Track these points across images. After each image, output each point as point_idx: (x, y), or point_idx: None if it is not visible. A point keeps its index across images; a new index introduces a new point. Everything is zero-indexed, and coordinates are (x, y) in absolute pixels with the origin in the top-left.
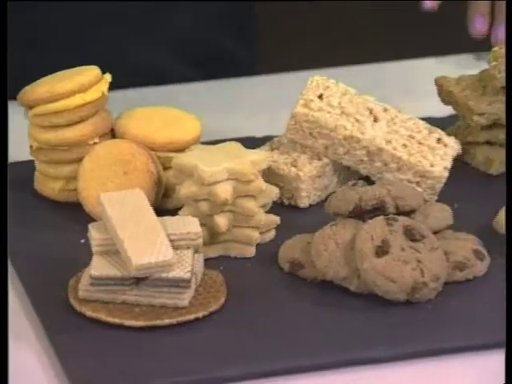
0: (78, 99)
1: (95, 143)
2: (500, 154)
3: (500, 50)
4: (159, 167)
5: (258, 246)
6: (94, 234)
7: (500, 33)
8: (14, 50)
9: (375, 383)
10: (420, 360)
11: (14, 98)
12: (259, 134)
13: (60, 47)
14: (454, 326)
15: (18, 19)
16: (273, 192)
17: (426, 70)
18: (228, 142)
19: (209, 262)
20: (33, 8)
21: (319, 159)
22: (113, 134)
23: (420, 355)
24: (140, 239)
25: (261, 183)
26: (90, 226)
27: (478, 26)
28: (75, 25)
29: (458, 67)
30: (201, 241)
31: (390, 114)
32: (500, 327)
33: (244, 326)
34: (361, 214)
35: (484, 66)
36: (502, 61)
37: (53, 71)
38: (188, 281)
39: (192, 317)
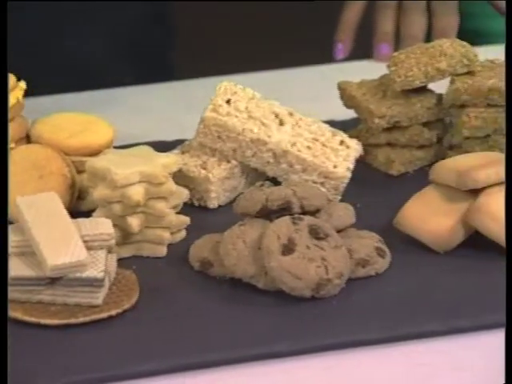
0: None
1: (11, 148)
2: (400, 155)
3: (399, 55)
4: (73, 171)
5: (170, 245)
6: (12, 236)
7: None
8: None
9: (282, 377)
10: (324, 353)
11: None
12: (170, 138)
13: None
14: (357, 320)
15: None
16: (183, 193)
17: (329, 76)
18: (140, 146)
19: (122, 262)
20: None
21: (228, 162)
22: (28, 139)
23: (324, 349)
24: (55, 241)
25: (171, 185)
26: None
27: (382, 51)
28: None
29: (360, 72)
30: (114, 241)
31: (295, 117)
32: (400, 322)
33: (156, 323)
34: (268, 213)
35: (384, 70)
36: (402, 66)
37: None
38: (101, 280)
39: (105, 315)
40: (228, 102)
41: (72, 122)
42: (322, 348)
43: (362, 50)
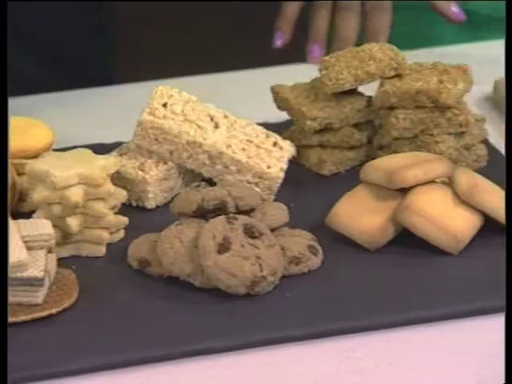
0: None
1: None
2: (331, 156)
3: (330, 59)
4: (14, 173)
5: (108, 245)
6: None
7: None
8: None
9: (217, 373)
10: (258, 349)
11: None
12: (109, 140)
13: None
14: (290, 316)
15: None
16: (121, 194)
17: (264, 79)
18: (79, 149)
19: (62, 262)
20: None
21: (165, 163)
22: None
23: (258, 344)
24: None
25: (110, 187)
26: None
27: (314, 54)
28: None
29: (294, 76)
30: (53, 242)
31: (230, 120)
32: (332, 317)
33: (95, 321)
34: (203, 213)
35: (316, 74)
36: (333, 69)
37: None
38: (42, 279)
39: (46, 313)
40: (164, 105)
41: (12, 125)
42: (256, 344)
43: (299, 52)
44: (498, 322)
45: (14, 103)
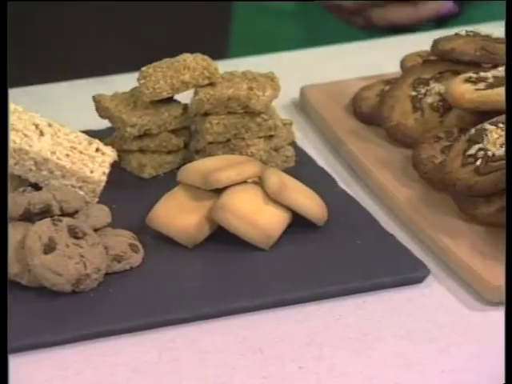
0: None
1: None
2: (151, 160)
3: (148, 69)
4: None
5: None
6: None
7: None
8: None
9: (45, 364)
10: (85, 342)
11: None
12: None
13: None
14: (114, 310)
15: None
16: None
17: (91, 90)
18: None
19: None
20: None
21: None
22: None
23: (85, 338)
24: None
25: None
26: None
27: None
28: None
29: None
30: None
31: (54, 128)
32: (154, 310)
33: None
34: (30, 216)
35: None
36: (150, 79)
37: None
38: None
39: None
40: None
41: None
42: (83, 337)
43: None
44: (312, 310)
45: None
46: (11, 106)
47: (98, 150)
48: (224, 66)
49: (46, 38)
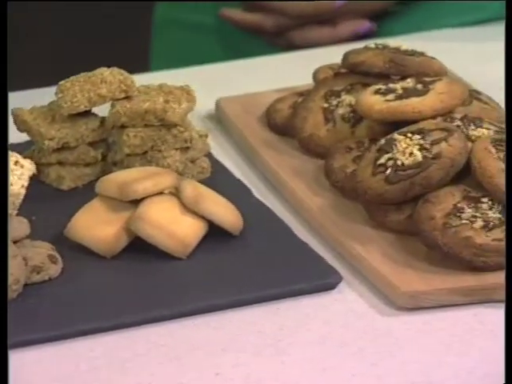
0: None
1: None
2: (70, 172)
3: (66, 83)
4: None
5: None
6: None
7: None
8: None
9: None
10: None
11: None
12: None
13: None
14: (31, 321)
15: None
16: None
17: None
18: None
19: None
20: None
21: None
22: None
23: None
24: None
25: None
26: None
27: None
28: None
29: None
30: None
31: None
32: (73, 321)
33: None
34: None
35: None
36: (68, 92)
37: None
38: None
39: None
40: None
41: None
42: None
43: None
44: (228, 317)
45: None
46: None
47: (16, 163)
48: (142, 80)
49: None
